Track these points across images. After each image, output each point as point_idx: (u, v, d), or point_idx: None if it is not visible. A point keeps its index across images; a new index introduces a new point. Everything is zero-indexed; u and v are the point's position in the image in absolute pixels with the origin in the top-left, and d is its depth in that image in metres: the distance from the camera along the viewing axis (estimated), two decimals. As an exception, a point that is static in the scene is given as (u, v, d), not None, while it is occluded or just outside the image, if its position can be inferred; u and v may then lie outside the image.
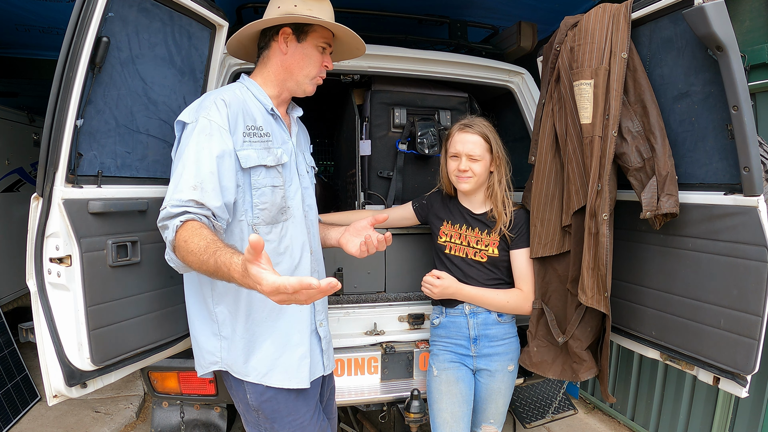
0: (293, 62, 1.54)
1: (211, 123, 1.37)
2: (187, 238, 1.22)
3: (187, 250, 1.21)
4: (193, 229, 1.24)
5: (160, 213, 1.32)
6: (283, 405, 1.54)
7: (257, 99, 1.53)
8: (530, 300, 1.98)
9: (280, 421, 1.54)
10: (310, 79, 1.56)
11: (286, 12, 1.51)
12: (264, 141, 1.48)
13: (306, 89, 1.58)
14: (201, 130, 1.36)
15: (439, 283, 1.94)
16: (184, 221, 1.27)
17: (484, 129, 1.96)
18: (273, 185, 1.48)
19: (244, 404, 1.56)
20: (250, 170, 1.43)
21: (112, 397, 3.51)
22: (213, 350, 1.53)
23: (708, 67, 1.52)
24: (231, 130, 1.40)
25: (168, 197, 1.33)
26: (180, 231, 1.26)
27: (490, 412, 2.03)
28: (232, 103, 1.43)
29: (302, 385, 1.55)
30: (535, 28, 2.66)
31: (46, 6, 3.09)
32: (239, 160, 1.41)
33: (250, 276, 1.01)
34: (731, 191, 1.51)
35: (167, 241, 1.29)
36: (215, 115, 1.38)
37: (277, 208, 1.50)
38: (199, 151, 1.34)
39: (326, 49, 1.57)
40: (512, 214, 1.97)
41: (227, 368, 1.53)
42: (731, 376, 1.53)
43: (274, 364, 1.52)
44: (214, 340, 1.52)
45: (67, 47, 1.30)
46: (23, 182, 4.27)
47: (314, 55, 1.54)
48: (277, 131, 1.56)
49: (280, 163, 1.51)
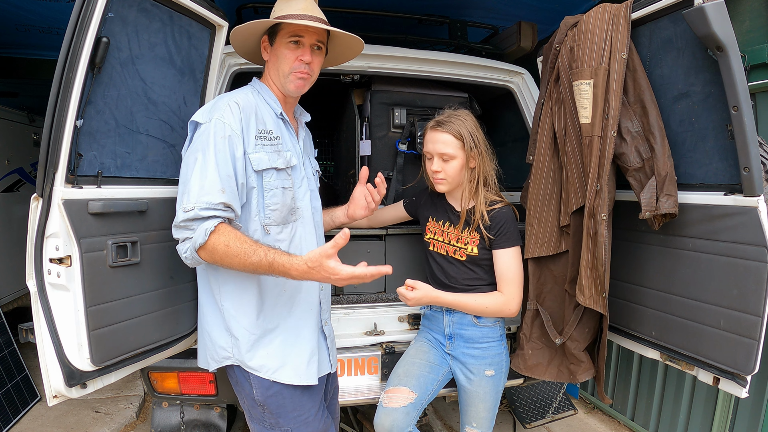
0: (272, 65, 1.59)
1: (225, 125, 1.41)
2: (228, 242, 1.35)
3: (229, 254, 1.35)
4: (230, 233, 1.36)
5: (185, 214, 1.36)
6: (289, 400, 1.56)
7: (267, 104, 1.58)
8: (513, 303, 1.87)
9: (285, 416, 1.56)
10: (286, 77, 1.56)
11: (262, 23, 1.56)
12: (275, 144, 1.53)
13: (288, 88, 1.58)
14: (216, 131, 1.41)
15: (411, 295, 1.81)
16: (216, 225, 1.36)
17: (457, 126, 1.84)
18: (283, 187, 1.53)
19: (249, 399, 1.58)
20: (262, 173, 1.49)
21: (112, 397, 3.51)
22: (225, 345, 1.55)
23: (708, 67, 1.52)
24: (243, 133, 1.45)
25: (194, 198, 1.36)
26: (215, 235, 1.35)
27: (471, 415, 1.97)
28: (245, 106, 1.47)
29: (310, 382, 1.59)
30: (535, 28, 2.66)
31: (46, 6, 3.09)
32: (251, 162, 1.46)
33: (324, 269, 1.31)
34: (731, 191, 1.51)
35: (195, 243, 1.36)
36: (229, 117, 1.43)
37: (287, 209, 1.55)
38: (217, 153, 1.39)
39: (300, 41, 1.54)
40: (494, 213, 1.87)
41: (239, 363, 1.55)
42: (731, 377, 1.53)
43: (283, 361, 1.55)
44: (227, 335, 1.55)
45: (66, 48, 1.30)
46: (23, 182, 4.27)
47: (284, 52, 1.54)
48: (286, 135, 1.60)
49: (290, 165, 1.55)
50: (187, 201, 1.37)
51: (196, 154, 1.41)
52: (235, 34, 1.60)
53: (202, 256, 1.39)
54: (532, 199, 1.96)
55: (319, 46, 1.58)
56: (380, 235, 2.35)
